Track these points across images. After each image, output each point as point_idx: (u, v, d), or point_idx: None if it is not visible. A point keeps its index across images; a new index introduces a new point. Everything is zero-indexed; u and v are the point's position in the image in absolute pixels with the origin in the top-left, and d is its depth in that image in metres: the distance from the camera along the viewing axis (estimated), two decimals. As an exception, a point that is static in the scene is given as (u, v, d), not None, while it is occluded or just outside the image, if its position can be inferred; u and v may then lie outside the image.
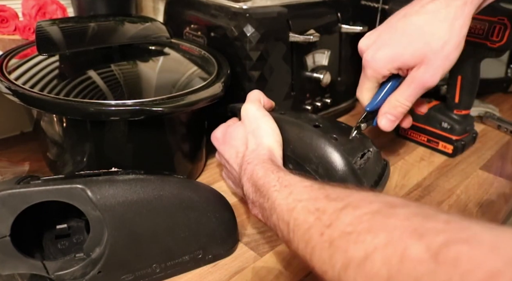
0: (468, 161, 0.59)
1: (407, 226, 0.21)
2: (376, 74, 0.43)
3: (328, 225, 0.25)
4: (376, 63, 0.42)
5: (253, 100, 0.44)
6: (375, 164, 0.44)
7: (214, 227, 0.38)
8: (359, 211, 0.24)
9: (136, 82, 0.47)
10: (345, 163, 0.41)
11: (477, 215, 0.48)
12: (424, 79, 0.41)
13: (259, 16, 0.53)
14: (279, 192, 0.31)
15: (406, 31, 0.41)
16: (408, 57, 0.41)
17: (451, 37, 0.39)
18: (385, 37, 0.42)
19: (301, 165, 0.43)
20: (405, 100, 0.43)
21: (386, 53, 0.42)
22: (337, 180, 0.41)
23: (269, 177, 0.34)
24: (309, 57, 0.58)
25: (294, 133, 0.43)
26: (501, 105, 0.77)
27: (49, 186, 0.31)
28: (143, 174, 0.36)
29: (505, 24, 0.50)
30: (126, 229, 0.33)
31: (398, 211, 0.22)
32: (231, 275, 0.38)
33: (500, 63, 0.80)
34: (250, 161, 0.38)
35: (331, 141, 0.42)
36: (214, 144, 0.47)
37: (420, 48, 0.40)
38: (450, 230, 0.19)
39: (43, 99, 0.40)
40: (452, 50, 0.40)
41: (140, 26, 0.56)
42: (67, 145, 0.45)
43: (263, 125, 0.42)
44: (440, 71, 0.41)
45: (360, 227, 0.23)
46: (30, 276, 0.34)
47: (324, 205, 0.27)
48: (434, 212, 0.22)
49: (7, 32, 0.64)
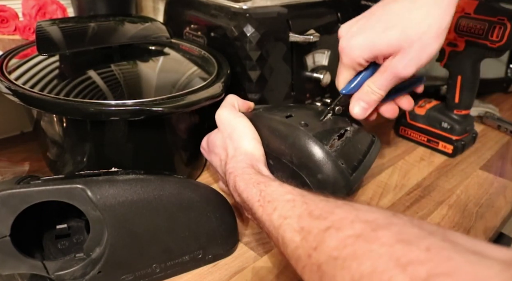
0: (468, 161, 0.59)
1: (391, 254, 0.21)
2: (351, 62, 0.41)
3: (315, 248, 0.25)
4: (351, 50, 0.41)
5: (225, 105, 0.44)
6: (357, 142, 0.43)
7: (214, 227, 0.38)
8: (342, 233, 0.24)
9: (136, 82, 0.47)
10: (316, 148, 0.40)
11: (477, 215, 0.48)
12: (397, 69, 0.39)
13: (259, 16, 0.52)
14: (264, 208, 0.31)
15: (383, 18, 0.39)
16: (383, 46, 0.39)
17: (430, 27, 0.37)
18: (361, 23, 0.41)
19: (278, 158, 0.42)
20: (377, 88, 0.41)
21: (361, 40, 0.40)
22: (311, 167, 0.40)
23: (251, 191, 0.33)
24: (309, 57, 0.58)
25: (266, 128, 0.43)
26: (501, 105, 0.77)
27: (49, 186, 0.31)
28: (143, 174, 0.36)
29: (505, 24, 0.50)
30: (126, 229, 0.33)
31: (380, 234, 0.23)
32: (231, 275, 0.38)
33: (500, 63, 0.80)
34: (231, 171, 0.37)
35: (299, 128, 0.41)
36: (204, 155, 0.48)
37: (396, 36, 0.38)
38: (432, 260, 0.20)
39: (43, 99, 0.40)
40: (431, 41, 0.37)
41: (140, 26, 0.56)
42: (67, 145, 0.45)
43: (238, 126, 0.41)
44: (415, 62, 0.38)
45: (345, 253, 0.23)
46: (30, 276, 0.34)
47: (308, 224, 0.27)
48: (416, 233, 0.22)
49: (7, 32, 0.64)
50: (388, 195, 0.51)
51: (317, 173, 0.40)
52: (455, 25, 0.54)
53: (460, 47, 0.55)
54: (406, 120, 0.64)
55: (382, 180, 0.54)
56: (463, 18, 0.53)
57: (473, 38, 0.53)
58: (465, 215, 0.48)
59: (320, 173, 0.40)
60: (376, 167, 0.57)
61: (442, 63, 0.58)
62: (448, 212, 0.48)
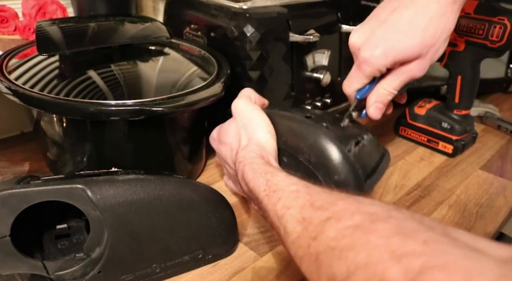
0: (468, 161, 0.59)
1: (387, 245, 0.21)
2: (374, 71, 0.43)
3: (314, 238, 0.26)
4: (376, 61, 0.42)
5: (242, 96, 0.45)
6: (371, 151, 0.44)
7: (214, 227, 0.38)
8: (342, 224, 0.25)
9: (136, 82, 0.47)
10: (337, 150, 0.41)
11: (477, 215, 0.48)
12: (414, 72, 0.42)
13: (259, 16, 0.52)
14: (269, 198, 0.32)
15: (399, 26, 0.40)
16: (406, 55, 0.41)
17: (442, 32, 0.40)
18: (379, 33, 0.42)
19: (294, 156, 0.43)
20: (392, 89, 0.43)
21: (385, 50, 0.41)
22: (329, 168, 0.40)
23: (258, 181, 0.34)
24: (309, 57, 0.58)
25: (285, 125, 0.44)
26: (501, 105, 0.77)
27: (49, 186, 0.31)
28: (143, 174, 0.36)
29: (505, 24, 0.50)
30: (126, 229, 0.33)
31: (378, 226, 0.23)
32: (231, 275, 0.38)
33: (500, 63, 0.80)
34: (241, 160, 0.38)
35: (322, 129, 0.42)
36: (212, 146, 0.48)
37: (416, 45, 0.40)
38: (428, 253, 0.20)
39: (43, 99, 0.40)
40: (442, 44, 0.41)
41: (140, 26, 0.56)
42: (67, 145, 0.45)
43: (254, 118, 0.42)
44: (429, 64, 0.42)
45: (343, 243, 0.23)
46: (30, 276, 0.34)
47: (310, 215, 0.27)
48: (415, 227, 0.22)
49: (7, 32, 0.64)
50: (388, 195, 0.51)
51: (334, 174, 0.40)
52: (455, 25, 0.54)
53: (460, 47, 0.55)
54: (406, 120, 0.64)
55: (382, 180, 0.54)
56: (463, 18, 0.53)
57: (473, 38, 0.53)
58: (465, 215, 0.48)
59: (337, 174, 0.40)
60: (376, 167, 0.57)
61: (442, 63, 0.58)
62: (448, 212, 0.48)
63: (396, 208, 0.25)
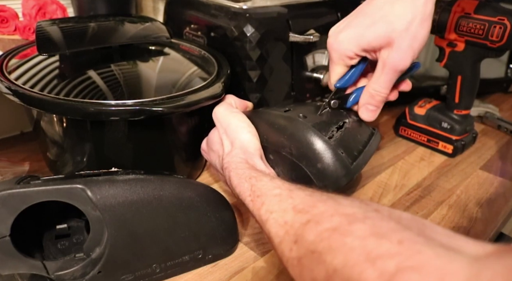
0: (468, 161, 0.59)
1: (363, 247, 0.21)
2: (340, 56, 0.42)
3: (295, 241, 0.26)
4: (339, 45, 0.41)
5: (222, 103, 0.45)
6: (356, 133, 0.44)
7: (214, 227, 0.38)
8: (320, 227, 0.25)
9: (136, 82, 0.47)
10: (315, 138, 0.41)
11: (477, 215, 0.48)
12: (394, 63, 0.40)
13: (259, 16, 0.52)
14: (254, 203, 0.32)
15: (368, 13, 0.40)
16: (371, 38, 0.40)
17: (415, 15, 0.38)
18: (348, 21, 0.42)
19: (278, 152, 0.43)
20: (381, 87, 0.42)
21: (349, 34, 0.41)
22: (311, 157, 0.40)
23: (243, 186, 0.34)
24: (309, 57, 0.58)
25: (264, 122, 0.44)
26: (501, 105, 0.77)
27: (49, 186, 0.31)
28: (143, 174, 0.36)
29: (505, 24, 0.50)
30: (126, 229, 0.33)
31: (355, 227, 0.23)
32: (231, 275, 0.38)
33: (500, 63, 0.80)
34: (226, 166, 0.38)
35: (298, 120, 0.42)
36: (204, 157, 0.48)
37: (383, 28, 0.39)
38: (402, 254, 0.20)
39: (43, 99, 0.40)
40: (418, 28, 0.38)
41: (140, 26, 0.56)
42: (67, 145, 0.45)
43: (233, 121, 0.42)
44: (409, 52, 0.39)
45: (321, 246, 0.24)
46: (30, 276, 0.34)
47: (291, 218, 0.27)
48: (391, 226, 0.22)
49: (7, 32, 0.64)
50: (388, 195, 0.51)
51: (317, 162, 0.40)
52: (455, 25, 0.54)
53: (460, 47, 0.55)
54: (406, 120, 0.64)
55: (382, 180, 0.54)
56: (463, 18, 0.53)
57: (473, 38, 0.53)
58: (465, 215, 0.48)
59: (319, 162, 0.40)
60: (376, 167, 0.57)
61: (442, 63, 0.58)
62: (448, 212, 0.48)
63: (376, 208, 0.25)
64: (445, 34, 0.55)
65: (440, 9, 0.55)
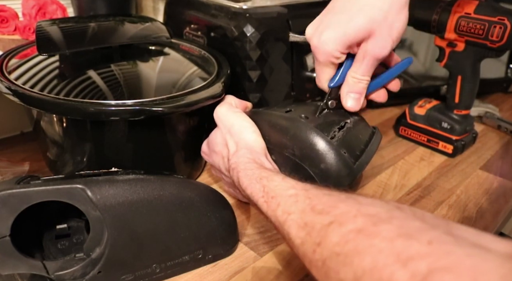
0: (468, 161, 0.59)
1: (391, 249, 0.21)
2: (328, 57, 0.42)
3: (318, 243, 0.25)
4: (324, 46, 0.41)
5: (222, 103, 0.45)
6: (358, 133, 0.44)
7: (214, 227, 0.38)
8: (344, 228, 0.24)
9: (136, 82, 0.47)
10: (318, 138, 0.41)
11: (477, 215, 0.48)
12: (375, 52, 0.40)
13: (259, 16, 0.52)
14: (268, 204, 0.32)
15: (345, 8, 0.40)
16: (354, 34, 0.40)
17: (391, 5, 0.38)
18: (326, 19, 0.41)
19: (280, 153, 0.43)
20: (361, 75, 0.42)
21: (331, 34, 0.41)
22: (314, 157, 0.40)
23: (255, 187, 0.34)
24: (309, 57, 0.58)
25: (266, 123, 0.44)
26: (501, 105, 0.77)
27: (49, 186, 0.31)
28: (143, 174, 0.36)
29: (505, 24, 0.50)
30: (126, 229, 0.33)
31: (381, 228, 0.23)
32: (231, 275, 0.38)
33: (500, 63, 0.80)
34: (234, 167, 0.38)
35: (300, 120, 0.42)
36: (205, 159, 0.48)
37: (363, 22, 0.39)
38: (433, 254, 0.20)
39: (43, 99, 0.40)
40: (395, 17, 0.39)
41: (140, 26, 0.56)
42: (67, 145, 0.45)
43: (237, 121, 0.42)
44: (388, 41, 0.40)
45: (347, 248, 0.23)
46: (30, 276, 0.34)
47: (312, 220, 0.27)
48: (418, 226, 0.22)
49: (7, 32, 0.64)
50: (388, 195, 0.51)
51: (320, 163, 0.40)
52: (455, 25, 0.54)
53: (460, 47, 0.55)
54: (406, 120, 0.64)
55: (382, 180, 0.54)
56: (463, 18, 0.53)
57: (473, 38, 0.53)
58: (465, 215, 0.48)
59: (323, 162, 0.40)
60: (376, 167, 0.57)
61: (442, 63, 0.58)
62: (448, 212, 0.48)
63: (398, 207, 0.25)
64: (445, 34, 0.55)
65: (440, 9, 0.55)
